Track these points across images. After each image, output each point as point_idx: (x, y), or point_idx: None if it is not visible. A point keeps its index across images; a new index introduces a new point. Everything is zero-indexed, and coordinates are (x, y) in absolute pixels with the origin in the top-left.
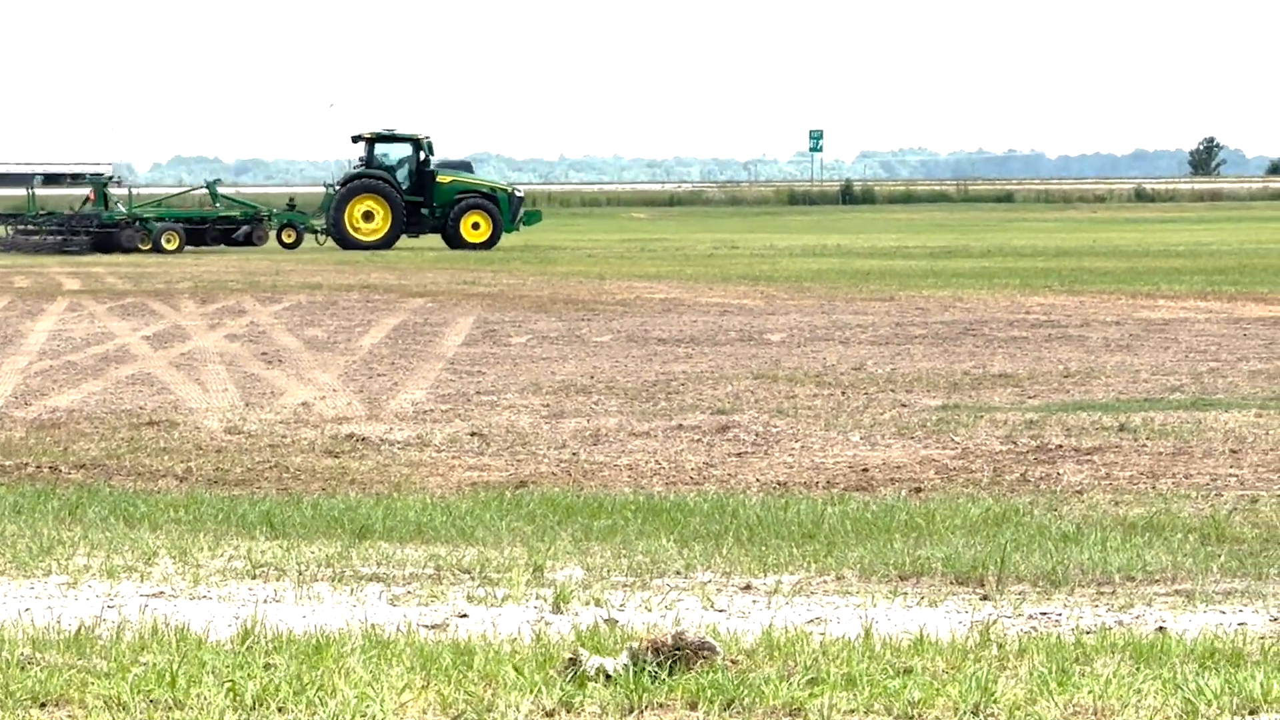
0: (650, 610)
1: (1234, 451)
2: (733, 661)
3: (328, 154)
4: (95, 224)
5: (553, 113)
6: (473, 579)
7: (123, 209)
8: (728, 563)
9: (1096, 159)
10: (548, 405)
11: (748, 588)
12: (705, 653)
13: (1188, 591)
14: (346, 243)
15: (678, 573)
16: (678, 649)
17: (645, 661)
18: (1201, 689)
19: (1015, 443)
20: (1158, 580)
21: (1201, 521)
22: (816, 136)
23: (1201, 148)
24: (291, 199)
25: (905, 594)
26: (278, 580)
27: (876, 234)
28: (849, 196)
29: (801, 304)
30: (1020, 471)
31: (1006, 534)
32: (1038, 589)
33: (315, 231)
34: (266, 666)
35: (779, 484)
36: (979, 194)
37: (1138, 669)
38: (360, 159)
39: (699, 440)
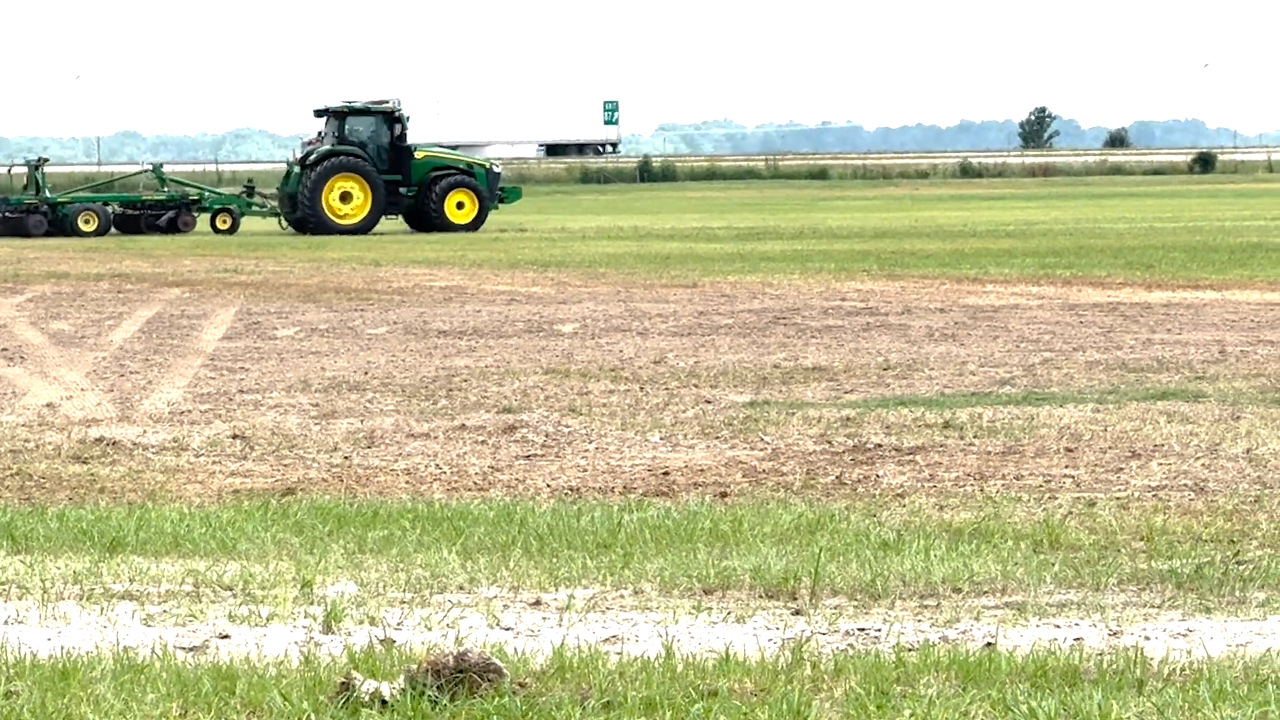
0: (430, 629)
1: (1069, 450)
2: (521, 684)
3: (76, 130)
4: (4, 209)
5: (315, 86)
6: (235, 596)
7: (49, 194)
8: (515, 576)
9: (919, 131)
10: (317, 404)
11: (537, 603)
12: (490, 675)
13: (1019, 604)
14: (324, 227)
15: (460, 587)
16: (460, 671)
17: (424, 685)
18: (1034, 710)
19: (830, 442)
20: (986, 592)
21: (1034, 527)
22: (611, 109)
23: (1032, 119)
24: (250, 181)
25: (710, 609)
26: (20, 599)
27: (678, 214)
28: (647, 174)
29: (596, 292)
30: (836, 474)
31: (821, 542)
32: (855, 602)
33: (276, 215)
34: (7, 694)
35: (571, 489)
36: (790, 170)
37: (964, 689)
38: (320, 134)
39: (484, 442)
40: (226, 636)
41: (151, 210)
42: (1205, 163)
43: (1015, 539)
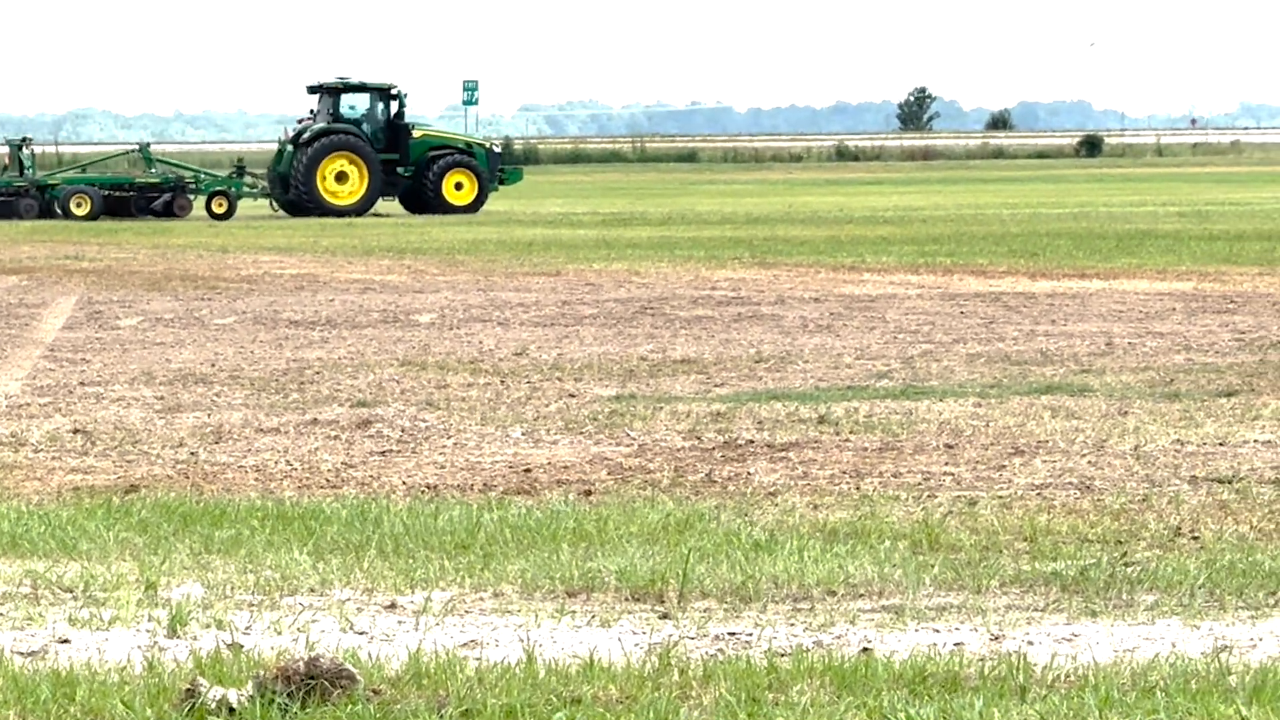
0: (280, 633)
1: (949, 446)
2: (375, 691)
3: None
4: None
5: (164, 63)
6: (75, 598)
7: (40, 175)
8: (370, 578)
9: (792, 113)
10: (162, 398)
11: (393, 606)
12: (343, 681)
13: (896, 607)
14: (320, 208)
15: (312, 590)
16: (311, 678)
17: (274, 692)
18: (912, 718)
19: (700, 438)
20: (862, 595)
21: (912, 527)
22: (471, 88)
23: (911, 100)
24: (240, 160)
25: (573, 612)
26: None
27: (540, 199)
28: (509, 156)
29: (454, 280)
30: (705, 471)
31: (690, 543)
32: (725, 605)
33: (267, 196)
34: None
35: (429, 487)
36: (658, 153)
37: (839, 696)
38: (312, 112)
39: (336, 437)
40: (66, 641)
41: (143, 193)
42: (1092, 146)
43: (893, 539)
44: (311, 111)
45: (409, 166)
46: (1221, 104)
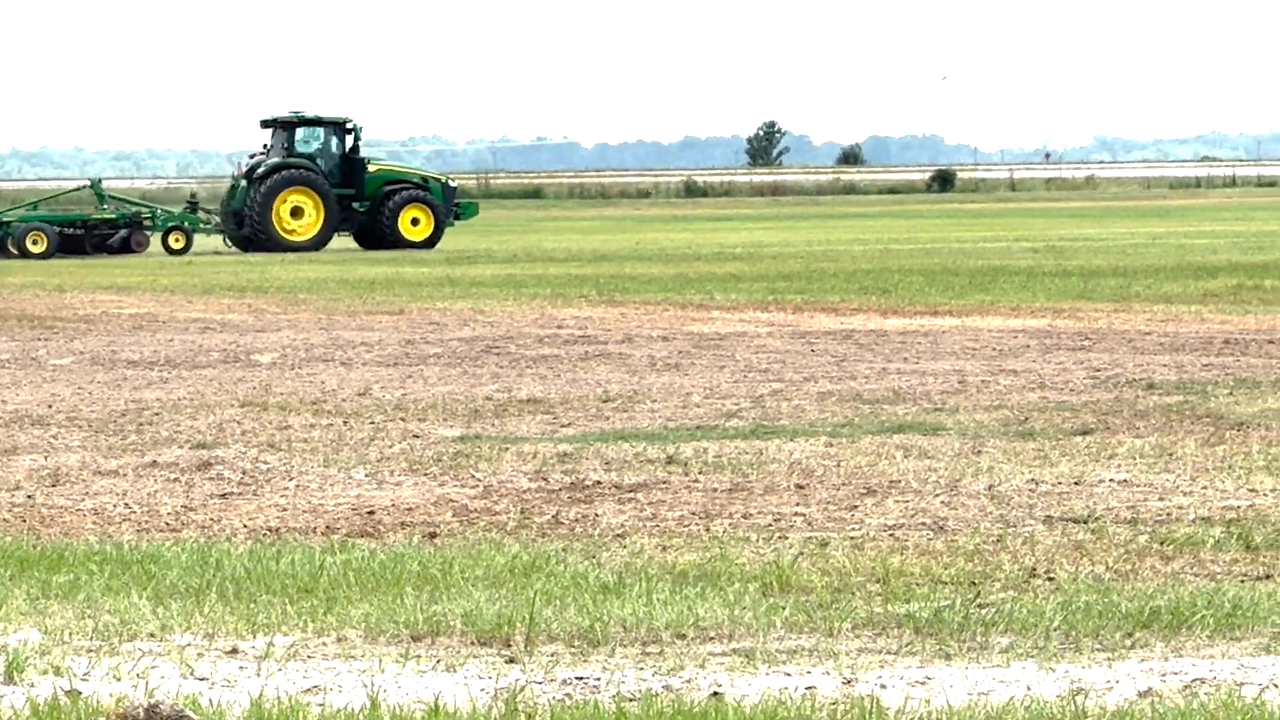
0: (120, 679)
1: (800, 487)
2: None
3: None
4: None
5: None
6: None
7: None
8: (210, 623)
9: (640, 148)
10: None
11: (234, 651)
12: None
13: (747, 650)
14: (276, 244)
15: (151, 635)
16: None
17: None
18: None
19: (546, 479)
20: (712, 638)
21: (763, 568)
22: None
23: (761, 134)
24: (192, 196)
25: (418, 657)
26: None
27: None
28: None
29: (296, 319)
30: (552, 512)
31: (536, 586)
32: (573, 649)
33: (220, 232)
34: None
35: (270, 530)
36: (503, 189)
37: None
38: (265, 146)
39: (176, 479)
40: None
41: (98, 230)
42: (944, 181)
43: (743, 581)
44: (265, 146)
45: (365, 201)
46: (1076, 137)
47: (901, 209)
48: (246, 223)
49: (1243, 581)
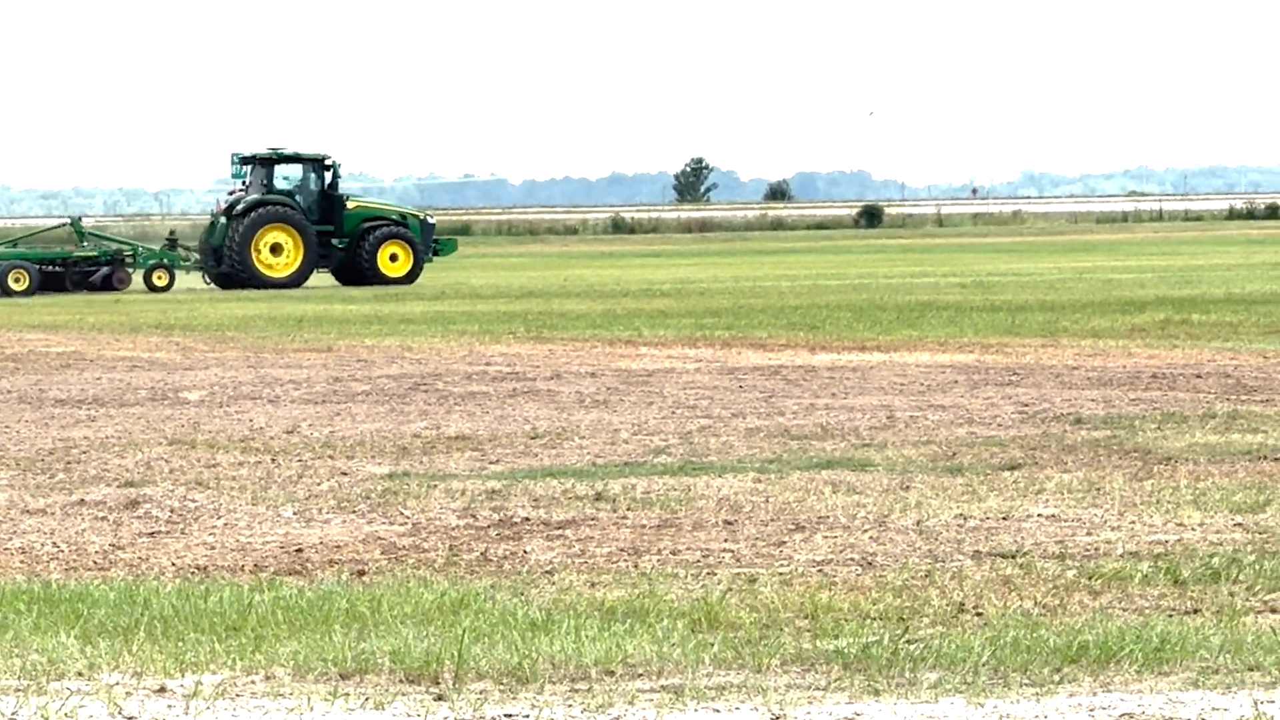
0: (48, 719)
1: (728, 523)
2: None
3: None
4: None
5: None
6: None
7: None
8: (139, 661)
9: (567, 184)
10: None
11: (162, 690)
12: None
13: (676, 687)
14: (255, 280)
15: (80, 674)
16: None
17: None
18: None
19: (475, 516)
20: (641, 674)
21: (691, 605)
22: (236, 160)
23: (688, 170)
24: (172, 233)
25: (347, 695)
26: None
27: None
28: None
29: (224, 356)
30: (481, 549)
31: (465, 623)
32: (501, 687)
33: (199, 269)
34: None
35: (199, 568)
36: None
37: None
38: (244, 183)
39: (104, 518)
40: None
41: (80, 267)
42: (872, 216)
43: (672, 618)
44: (243, 183)
45: (344, 238)
46: (1003, 173)
47: (829, 245)
48: (226, 260)
49: (1171, 616)
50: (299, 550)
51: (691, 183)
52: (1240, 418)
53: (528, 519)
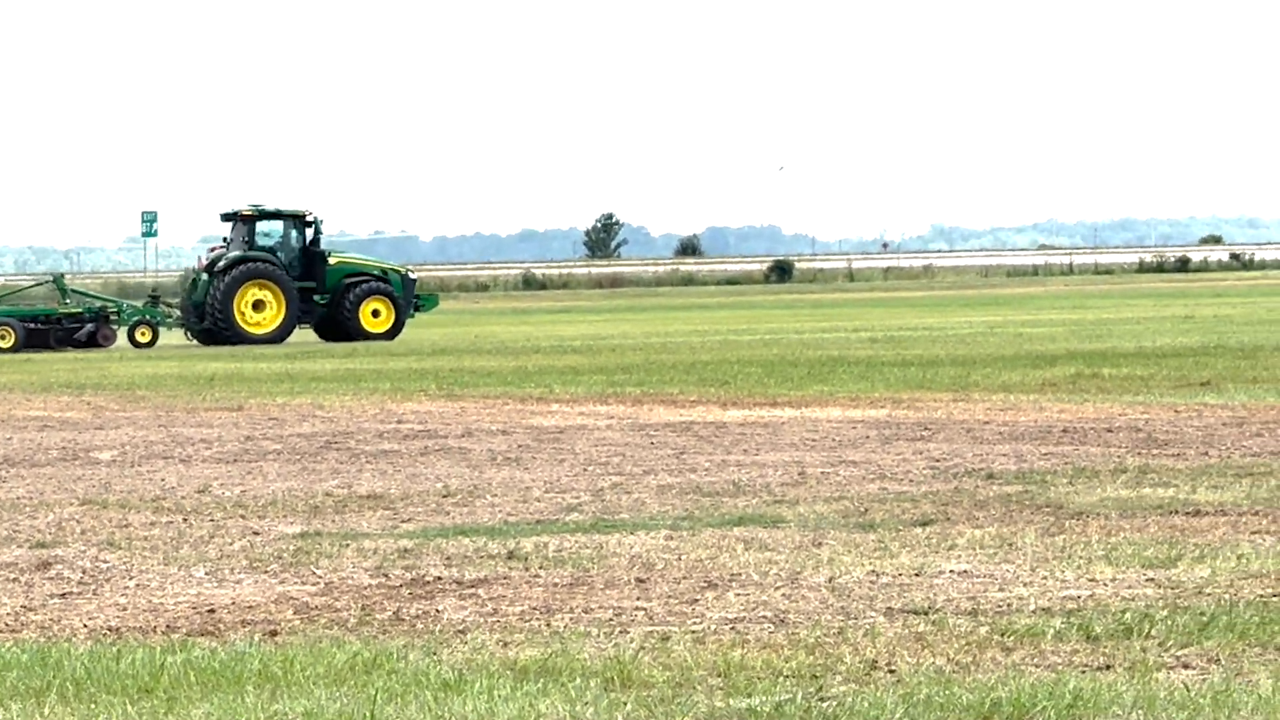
0: None
1: (640, 581)
2: None
3: None
4: None
5: None
6: None
7: None
8: None
9: (478, 240)
10: None
11: None
12: None
13: None
14: (238, 337)
15: None
16: None
17: None
18: None
19: (387, 575)
20: None
21: (604, 663)
22: (150, 219)
23: (599, 226)
24: (155, 290)
25: None
26: None
27: None
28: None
29: (135, 416)
30: (394, 609)
31: (378, 683)
32: None
33: (182, 326)
34: None
35: (111, 629)
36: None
37: None
38: (225, 240)
39: (15, 580)
40: None
41: (64, 324)
42: (783, 271)
43: (584, 676)
44: (225, 239)
45: (325, 294)
46: (913, 226)
47: (740, 300)
48: (208, 316)
49: (1084, 672)
50: (211, 611)
51: (602, 239)
52: (1151, 472)
53: (440, 578)
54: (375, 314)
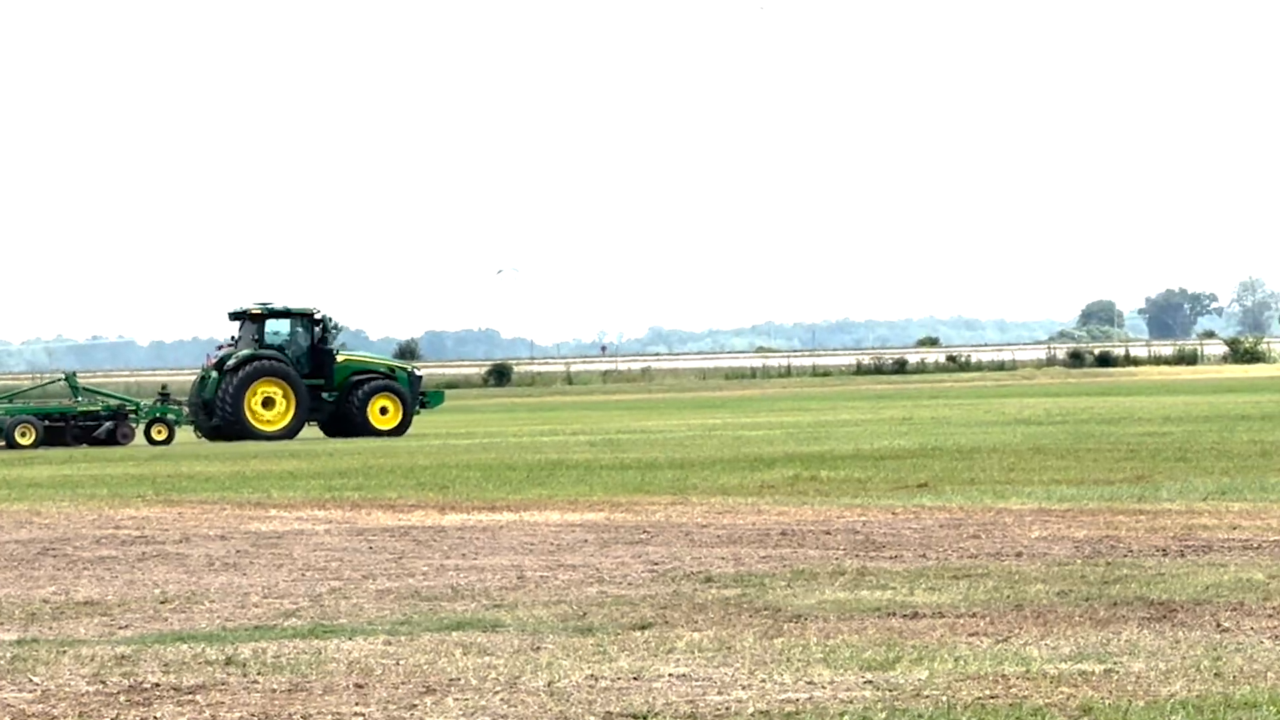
0: None
1: (359, 686)
2: None
3: None
4: None
5: None
6: None
7: None
8: None
9: (195, 345)
10: None
11: None
12: None
13: None
14: (248, 434)
15: None
16: None
17: None
18: None
19: (105, 682)
20: None
21: None
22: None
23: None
24: (164, 388)
25: None
26: None
27: None
28: None
29: None
30: (111, 715)
31: None
32: None
33: (191, 423)
34: None
35: None
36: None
37: None
38: (234, 338)
39: None
40: None
41: (80, 422)
42: (501, 374)
43: None
44: (233, 338)
45: (333, 391)
46: (631, 329)
47: (459, 403)
48: (218, 413)
49: None
50: None
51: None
52: (869, 574)
53: (158, 684)
54: (384, 411)
